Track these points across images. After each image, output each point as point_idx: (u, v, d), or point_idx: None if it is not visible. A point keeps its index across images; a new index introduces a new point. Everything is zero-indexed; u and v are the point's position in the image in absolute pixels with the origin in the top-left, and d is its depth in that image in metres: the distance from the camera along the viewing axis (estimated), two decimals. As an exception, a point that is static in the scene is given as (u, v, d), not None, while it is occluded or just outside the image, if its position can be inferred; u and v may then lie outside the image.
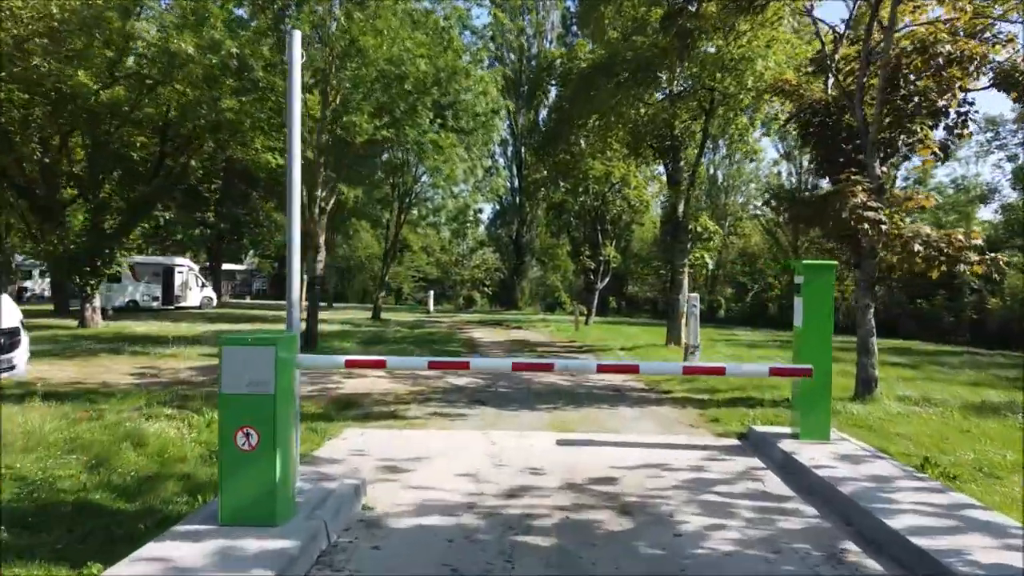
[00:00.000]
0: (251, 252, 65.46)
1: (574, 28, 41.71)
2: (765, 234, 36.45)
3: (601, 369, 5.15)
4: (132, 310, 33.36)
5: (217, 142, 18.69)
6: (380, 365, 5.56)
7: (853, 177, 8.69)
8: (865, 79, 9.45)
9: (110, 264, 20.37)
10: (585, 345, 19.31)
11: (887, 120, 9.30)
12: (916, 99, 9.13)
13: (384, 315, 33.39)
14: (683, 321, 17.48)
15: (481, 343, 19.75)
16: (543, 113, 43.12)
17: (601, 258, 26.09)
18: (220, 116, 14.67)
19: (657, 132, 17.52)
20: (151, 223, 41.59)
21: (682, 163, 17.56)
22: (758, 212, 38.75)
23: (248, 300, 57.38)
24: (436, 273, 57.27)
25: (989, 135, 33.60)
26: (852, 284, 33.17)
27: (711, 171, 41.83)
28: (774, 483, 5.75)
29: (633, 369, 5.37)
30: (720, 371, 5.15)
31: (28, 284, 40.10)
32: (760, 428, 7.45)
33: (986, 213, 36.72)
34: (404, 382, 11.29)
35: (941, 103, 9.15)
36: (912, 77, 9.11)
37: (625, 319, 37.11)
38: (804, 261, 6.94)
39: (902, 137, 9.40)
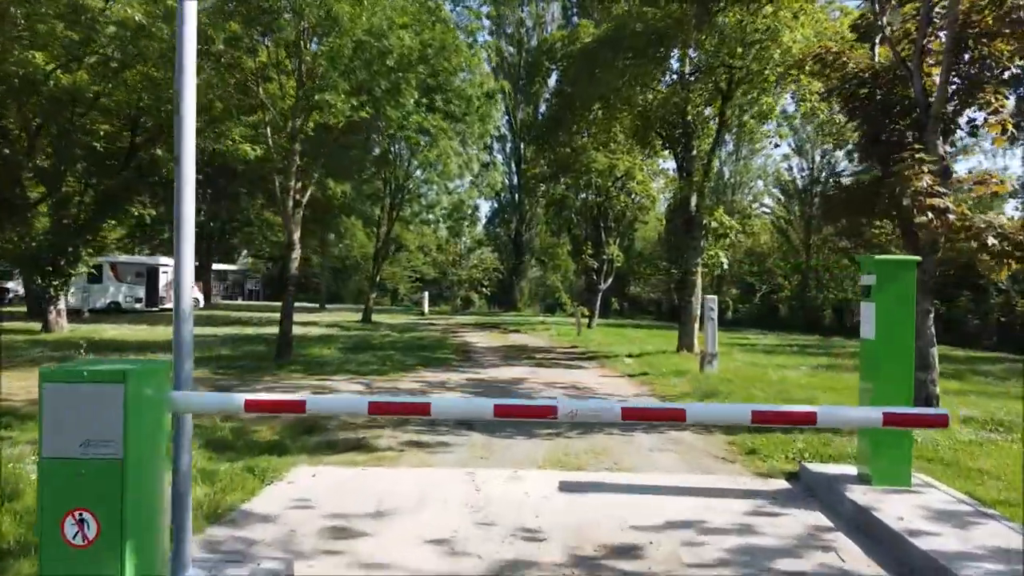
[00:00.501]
0: (244, 252, 64.08)
1: (575, 20, 40.21)
2: (775, 232, 34.97)
3: (628, 416, 3.48)
4: (113, 312, 31.92)
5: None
6: (296, 408, 4.02)
7: (918, 155, 7.18)
8: (925, 42, 7.95)
9: (75, 263, 18.84)
10: (588, 351, 17.81)
11: (952, 89, 7.80)
12: (988, 63, 7.63)
13: (376, 317, 31.91)
14: (696, 325, 16.00)
15: (475, 349, 18.25)
16: (542, 108, 41.70)
17: (604, 257, 24.61)
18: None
19: (667, 119, 16.03)
20: (129, 220, 40.16)
21: (694, 152, 16.06)
22: (767, 210, 37.25)
23: (240, 301, 55.89)
24: (433, 273, 55.77)
25: None
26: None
27: (717, 166, 40.44)
28: (854, 555, 4.24)
29: (676, 415, 3.58)
30: (808, 418, 3.48)
31: (10, 285, 38.59)
32: (815, 467, 5.93)
33: (1007, 209, 35.16)
34: (382, 397, 9.77)
35: (1016, 68, 7.65)
36: (983, 39, 7.61)
37: (628, 321, 35.62)
38: (877, 256, 5.43)
39: (968, 110, 7.90)
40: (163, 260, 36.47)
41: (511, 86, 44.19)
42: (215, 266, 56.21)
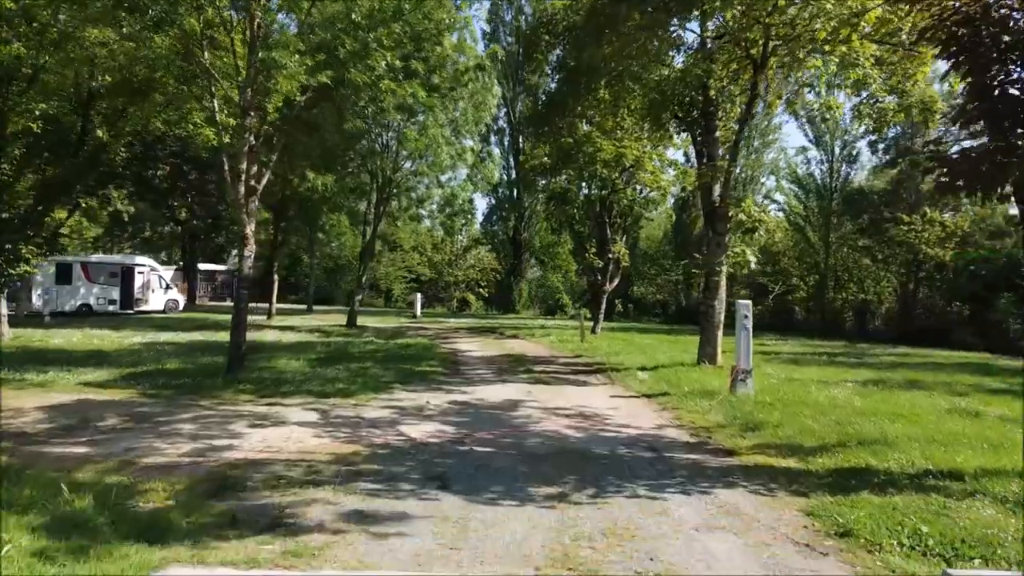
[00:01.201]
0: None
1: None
2: (790, 230, 32.80)
3: None
4: (85, 315, 29.79)
5: (138, 108, 15.05)
6: None
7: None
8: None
9: (16, 263, 16.70)
10: (594, 362, 15.68)
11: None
12: None
13: (364, 320, 29.76)
14: (719, 333, 13.88)
15: (466, 359, 16.12)
16: (542, 102, 39.62)
17: (610, 256, 22.48)
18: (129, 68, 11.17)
19: (685, 96, 13.92)
20: (101, 215, 38.03)
21: (717, 134, 13.93)
22: (780, 206, 35.09)
23: (229, 303, 53.61)
24: (429, 274, 53.63)
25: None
26: (887, 281, 29.50)
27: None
28: None
29: None
30: None
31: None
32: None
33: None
34: (337, 433, 7.65)
35: None
36: None
37: (634, 324, 33.47)
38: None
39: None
40: (140, 260, 34.40)
41: (510, 77, 42.12)
42: (202, 266, 54.19)
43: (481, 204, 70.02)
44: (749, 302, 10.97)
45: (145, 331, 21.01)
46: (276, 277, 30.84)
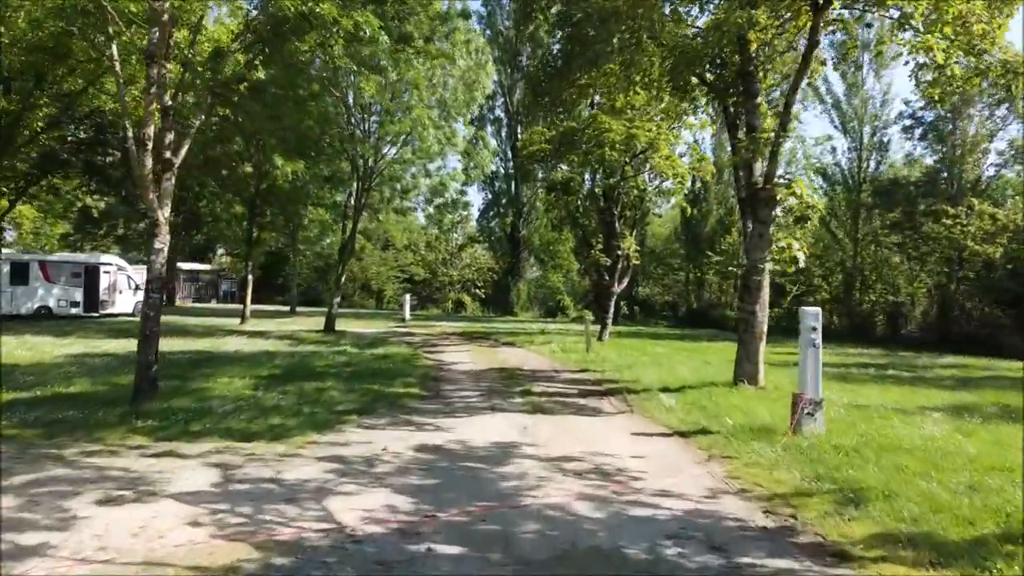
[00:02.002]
0: (220, 251, 59.09)
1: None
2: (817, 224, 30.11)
3: None
4: (44, 318, 27.15)
5: (55, 77, 12.42)
6: None
7: None
8: None
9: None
10: (604, 379, 13.04)
11: None
12: None
13: (347, 325, 27.15)
14: (762, 346, 11.25)
15: (450, 376, 13.46)
16: (542, 64, 37.11)
17: (619, 253, 19.84)
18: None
19: (716, 54, 11.29)
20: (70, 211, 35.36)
21: (758, 100, 11.29)
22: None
23: (213, 304, 50.96)
24: (423, 273, 50.96)
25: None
26: (921, 281, 26.71)
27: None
28: None
29: None
30: None
31: None
32: None
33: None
34: (229, 518, 5.00)
35: None
36: None
37: (642, 329, 30.78)
38: None
39: None
40: (105, 258, 31.73)
41: (506, 67, 39.48)
42: (184, 265, 51.55)
43: (477, 199, 67.24)
44: (818, 309, 8.32)
45: (94, 338, 18.36)
46: (251, 277, 28.16)
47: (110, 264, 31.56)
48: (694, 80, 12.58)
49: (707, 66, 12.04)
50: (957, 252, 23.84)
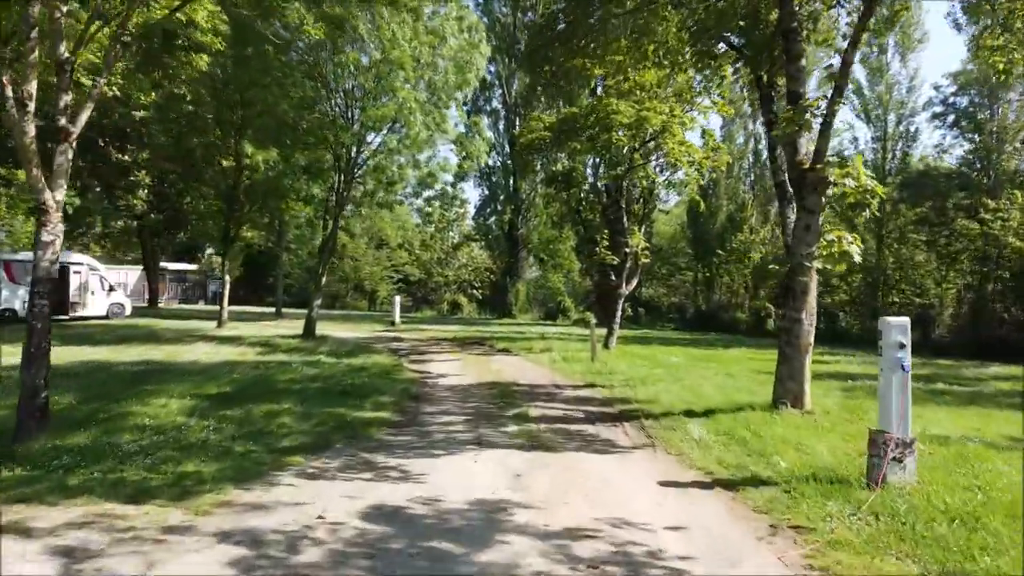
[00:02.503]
0: (208, 250, 56.98)
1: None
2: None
3: None
4: (8, 321, 25.18)
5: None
6: None
7: None
8: None
9: None
10: (614, 398, 11.06)
11: None
12: None
13: (331, 329, 25.20)
14: (808, 360, 9.31)
15: (432, 394, 11.47)
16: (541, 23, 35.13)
17: (627, 250, 17.86)
18: None
19: (751, 11, 9.33)
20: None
21: (802, 62, 9.31)
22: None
23: (201, 306, 48.86)
24: (418, 273, 49.00)
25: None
26: (951, 282, 24.65)
27: (752, 143, 33.57)
28: None
29: None
30: None
31: None
32: None
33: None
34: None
35: None
36: None
37: (648, 333, 28.77)
38: None
39: None
40: (75, 258, 29.75)
41: (505, 57, 37.48)
42: (170, 266, 49.60)
43: (473, 196, 65.03)
44: (905, 320, 6.34)
45: (55, 343, 16.39)
46: (228, 278, 26.18)
47: (81, 264, 29.64)
48: (720, 47, 10.62)
49: (737, 27, 10.08)
50: (996, 250, 21.82)
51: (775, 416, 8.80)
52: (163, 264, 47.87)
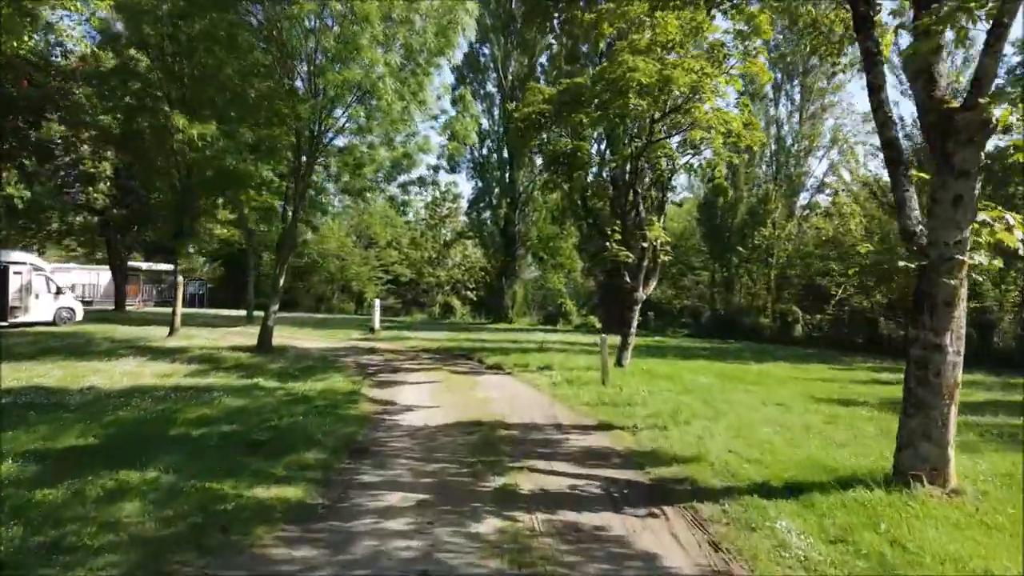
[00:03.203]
0: (190, 248, 53.68)
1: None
2: (863, 216, 24.93)
3: None
4: (-67, 329, 22.06)
5: None
6: None
7: None
8: None
9: None
10: (644, 450, 7.78)
11: None
12: None
13: (300, 337, 22.01)
14: (955, 408, 6.05)
15: (385, 448, 8.16)
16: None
17: (644, 245, 14.60)
18: None
19: None
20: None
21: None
22: (846, 184, 27.13)
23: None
24: (408, 274, 45.72)
25: None
26: (1015, 282, 21.46)
27: (776, 130, 30.30)
28: None
29: None
30: None
31: None
32: None
33: None
34: None
35: None
36: None
37: (661, 341, 25.46)
38: None
39: None
40: (16, 256, 26.50)
41: (500, 38, 34.23)
42: (143, 265, 46.32)
43: (466, 189, 61.52)
44: None
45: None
46: (180, 279, 22.95)
47: (23, 263, 26.37)
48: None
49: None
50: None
51: (909, 502, 5.53)
52: (136, 264, 44.64)
